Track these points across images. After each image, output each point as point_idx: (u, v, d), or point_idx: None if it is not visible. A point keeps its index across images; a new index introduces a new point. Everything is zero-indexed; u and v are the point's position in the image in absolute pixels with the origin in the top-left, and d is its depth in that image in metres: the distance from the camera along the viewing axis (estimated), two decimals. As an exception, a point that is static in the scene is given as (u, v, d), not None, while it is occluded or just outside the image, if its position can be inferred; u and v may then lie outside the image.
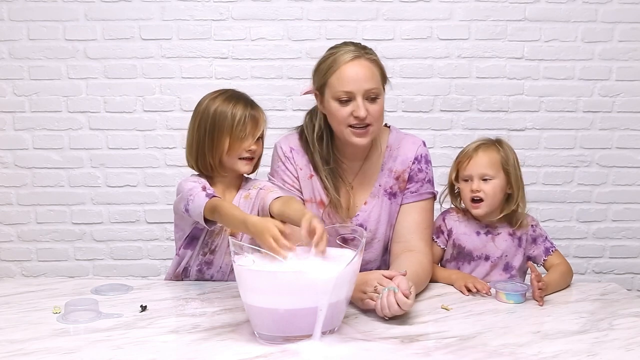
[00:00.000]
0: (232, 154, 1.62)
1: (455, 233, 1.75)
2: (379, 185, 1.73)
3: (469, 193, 1.71)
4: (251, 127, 1.62)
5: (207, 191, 1.55)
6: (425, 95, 2.63)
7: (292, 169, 1.72)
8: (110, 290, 1.57)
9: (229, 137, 1.60)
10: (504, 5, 2.59)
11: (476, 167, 1.70)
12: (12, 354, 1.18)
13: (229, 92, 1.67)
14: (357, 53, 1.59)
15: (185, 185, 1.60)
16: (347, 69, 1.56)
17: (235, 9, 2.57)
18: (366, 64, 1.58)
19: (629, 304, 1.53)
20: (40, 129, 2.61)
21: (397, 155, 1.73)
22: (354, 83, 1.56)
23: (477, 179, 1.70)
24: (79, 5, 2.55)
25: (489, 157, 1.71)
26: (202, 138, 1.64)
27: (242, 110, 1.61)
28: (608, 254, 2.74)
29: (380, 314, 1.35)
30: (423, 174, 1.73)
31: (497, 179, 1.70)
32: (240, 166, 1.65)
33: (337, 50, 1.61)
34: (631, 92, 2.64)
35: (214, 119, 1.62)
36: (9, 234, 2.67)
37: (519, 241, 1.74)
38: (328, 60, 1.61)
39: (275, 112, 2.59)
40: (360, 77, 1.56)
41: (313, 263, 1.30)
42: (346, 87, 1.56)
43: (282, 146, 1.74)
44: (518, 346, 1.24)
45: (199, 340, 1.26)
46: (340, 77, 1.56)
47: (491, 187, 1.69)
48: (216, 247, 1.67)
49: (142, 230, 2.68)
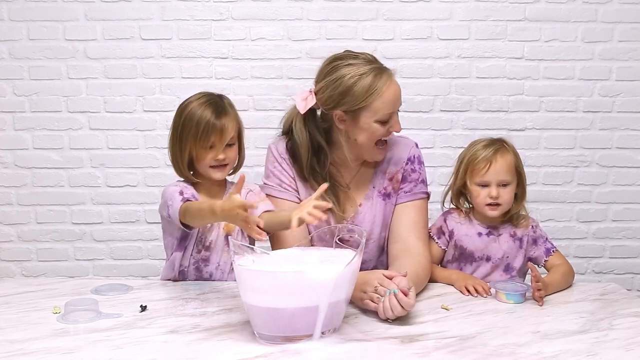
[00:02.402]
0: (200, 161, 1.62)
1: (457, 234, 1.75)
2: (373, 187, 1.74)
3: (486, 199, 1.68)
4: (216, 138, 1.59)
5: (183, 195, 1.56)
6: (425, 95, 2.63)
7: (288, 169, 1.71)
8: (110, 290, 1.57)
9: (195, 145, 1.60)
10: (504, 5, 2.59)
11: (496, 173, 1.68)
12: (12, 354, 1.18)
13: (205, 98, 1.64)
14: (385, 69, 1.61)
15: (167, 190, 1.62)
16: (390, 91, 1.58)
17: (235, 9, 2.57)
18: (395, 80, 1.62)
19: (629, 304, 1.54)
20: (40, 129, 2.61)
21: (390, 157, 1.73)
22: (396, 103, 1.62)
23: (495, 185, 1.68)
24: (79, 5, 2.55)
25: (506, 162, 1.69)
26: (174, 141, 1.64)
27: (208, 118, 1.58)
28: (608, 254, 2.74)
29: (383, 317, 1.35)
30: (416, 174, 1.74)
31: (513, 183, 1.70)
32: (212, 173, 1.64)
33: (362, 69, 1.57)
34: (631, 92, 2.64)
35: (184, 124, 1.61)
36: (9, 234, 2.67)
37: (520, 242, 1.74)
38: (361, 82, 1.56)
39: (275, 112, 2.59)
40: (397, 96, 1.61)
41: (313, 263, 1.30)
42: (391, 109, 1.60)
43: (277, 148, 1.73)
44: (518, 346, 1.24)
45: (198, 340, 1.26)
46: (385, 101, 1.58)
47: (508, 192, 1.69)
48: (211, 244, 1.67)
49: (142, 230, 2.68)
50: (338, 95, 1.58)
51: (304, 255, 1.37)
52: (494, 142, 1.73)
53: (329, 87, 1.59)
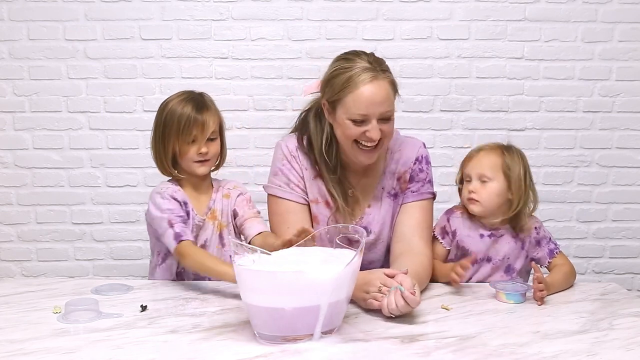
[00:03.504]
0: (183, 156, 1.65)
1: (459, 235, 1.74)
2: (382, 188, 1.73)
3: (466, 193, 1.72)
4: (197, 131, 1.62)
5: (175, 230, 1.57)
6: (425, 95, 2.63)
7: (297, 167, 1.70)
8: (110, 290, 1.57)
9: (177, 140, 1.63)
10: (504, 5, 2.59)
11: (475, 167, 1.72)
12: (12, 354, 1.18)
13: (185, 95, 1.68)
14: (374, 73, 1.52)
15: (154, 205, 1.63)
16: (365, 91, 1.50)
17: (235, 9, 2.57)
18: (383, 85, 1.52)
19: (629, 304, 1.54)
20: (40, 129, 2.61)
21: (398, 157, 1.73)
22: (370, 107, 1.51)
23: (475, 179, 1.71)
24: (79, 5, 2.55)
25: (489, 159, 1.71)
26: (157, 139, 1.67)
27: (189, 113, 1.62)
28: (608, 254, 2.74)
29: (386, 313, 1.34)
30: (424, 174, 1.73)
31: (495, 181, 1.69)
32: (195, 168, 1.66)
33: (352, 64, 1.53)
34: (631, 92, 2.64)
35: (165, 121, 1.65)
36: (9, 234, 2.67)
37: (522, 244, 1.73)
38: (343, 75, 1.53)
39: (275, 112, 2.60)
40: (376, 100, 1.51)
41: (313, 263, 1.30)
42: (362, 111, 1.51)
43: (287, 145, 1.71)
44: (518, 346, 1.24)
45: (199, 340, 1.26)
46: (357, 100, 1.51)
47: (487, 190, 1.69)
48: (206, 242, 1.68)
49: (142, 230, 2.67)
50: (324, 83, 1.61)
51: (304, 255, 1.37)
52: (493, 144, 1.77)
53: (324, 76, 1.62)
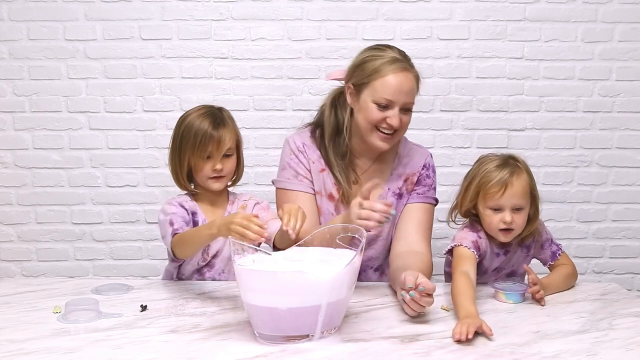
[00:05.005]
0: (198, 172, 1.64)
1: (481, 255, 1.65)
2: (388, 188, 1.78)
3: (499, 224, 1.60)
4: (213, 147, 1.61)
5: (173, 227, 1.56)
6: (425, 95, 2.62)
7: (305, 161, 1.76)
8: (110, 290, 1.57)
9: (193, 155, 1.62)
10: (504, 5, 2.59)
11: (511, 198, 1.58)
12: (12, 354, 1.19)
13: (204, 109, 1.67)
14: (405, 64, 1.64)
15: (162, 212, 1.64)
16: (394, 78, 1.61)
17: (235, 9, 2.57)
18: (410, 77, 1.64)
19: (629, 304, 1.54)
20: (40, 129, 2.61)
21: (407, 162, 1.80)
22: (397, 94, 1.61)
23: (509, 209, 1.59)
24: (79, 5, 2.55)
25: (522, 185, 1.59)
26: (174, 153, 1.67)
27: (205, 129, 1.61)
28: (608, 254, 2.73)
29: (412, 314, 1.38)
30: (430, 180, 1.80)
31: (527, 206, 1.61)
32: (210, 184, 1.65)
33: (383, 54, 1.65)
34: (631, 92, 2.64)
35: (182, 135, 1.64)
36: (9, 234, 2.67)
37: (527, 249, 1.72)
38: (375, 61, 1.63)
39: (275, 112, 2.59)
40: (404, 89, 1.62)
41: (313, 263, 1.30)
42: (389, 96, 1.61)
43: (294, 141, 1.78)
44: (518, 346, 1.24)
45: (199, 340, 1.26)
46: (386, 85, 1.61)
47: (522, 217, 1.60)
48: (217, 253, 1.68)
49: (142, 230, 2.68)
50: (353, 68, 1.69)
51: (304, 255, 1.37)
52: (506, 161, 1.63)
53: (353, 61, 1.71)
